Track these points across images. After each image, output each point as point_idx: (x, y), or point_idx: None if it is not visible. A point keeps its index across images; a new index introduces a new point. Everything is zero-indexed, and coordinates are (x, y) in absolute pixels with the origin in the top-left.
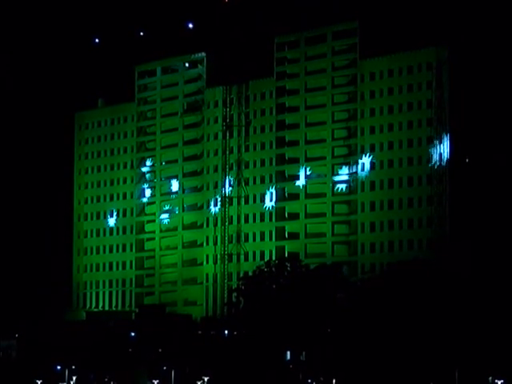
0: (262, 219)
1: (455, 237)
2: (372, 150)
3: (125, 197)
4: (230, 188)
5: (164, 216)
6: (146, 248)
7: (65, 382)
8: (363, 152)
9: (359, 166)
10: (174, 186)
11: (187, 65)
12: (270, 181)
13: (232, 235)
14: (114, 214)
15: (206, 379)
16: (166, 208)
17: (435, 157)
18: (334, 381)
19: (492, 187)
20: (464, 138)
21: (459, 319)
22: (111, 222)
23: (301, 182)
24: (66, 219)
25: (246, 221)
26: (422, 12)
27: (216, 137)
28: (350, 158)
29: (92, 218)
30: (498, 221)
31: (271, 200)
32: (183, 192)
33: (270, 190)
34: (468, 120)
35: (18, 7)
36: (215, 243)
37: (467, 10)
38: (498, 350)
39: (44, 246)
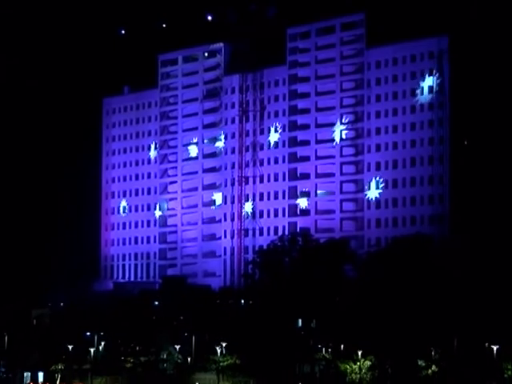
0: (276, 197)
1: (455, 214)
2: (377, 133)
3: (149, 176)
4: (247, 168)
5: (185, 194)
6: (168, 224)
7: (94, 347)
8: (369, 135)
9: (365, 149)
10: (195, 166)
11: (206, 54)
12: (283, 161)
13: (248, 212)
14: (139, 192)
15: (223, 345)
16: (187, 186)
17: (436, 139)
18: (342, 346)
19: (490, 168)
20: (463, 122)
21: (458, 290)
22: (137, 199)
23: (312, 162)
24: (94, 197)
25: (261, 199)
26: (424, 4)
27: (233, 121)
28: (358, 141)
29: (118, 196)
30: (496, 199)
31: (284, 180)
32: (203, 172)
33: (284, 170)
34: (467, 105)
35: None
36: (232, 219)
37: (466, 2)
38: (493, 320)
39: (74, 222)
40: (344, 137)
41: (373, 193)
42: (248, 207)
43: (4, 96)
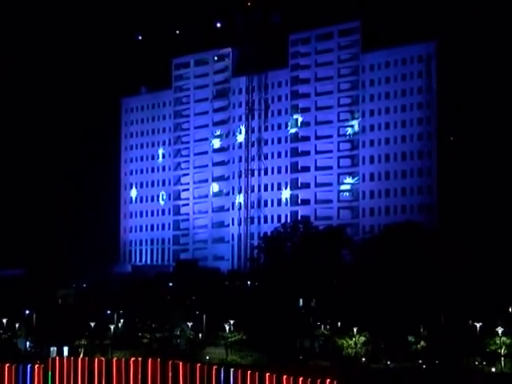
0: (279, 188)
1: (442, 203)
2: (371, 130)
3: (164, 169)
4: (252, 162)
5: (196, 185)
6: (181, 212)
7: (114, 324)
8: (364, 132)
9: (360, 144)
10: (205, 160)
11: (216, 58)
12: (286, 156)
13: (254, 201)
14: (155, 183)
15: (231, 322)
16: (199, 178)
17: (425, 135)
18: (339, 323)
19: (474, 161)
20: (449, 120)
21: (445, 272)
22: (153, 190)
23: (312, 158)
24: (114, 188)
25: (266, 189)
26: (414, 13)
27: (240, 119)
28: (353, 137)
29: (136, 187)
30: (480, 189)
31: (287, 172)
32: (213, 165)
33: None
34: (453, 104)
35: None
36: (239, 208)
37: (452, 11)
38: (477, 299)
39: (97, 211)
40: (341, 133)
41: (367, 184)
42: (254, 197)
43: (39, 94)
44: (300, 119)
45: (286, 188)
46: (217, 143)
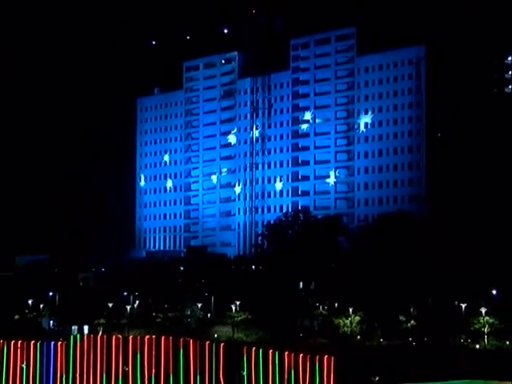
0: (281, 180)
1: (430, 194)
2: (366, 127)
3: (176, 163)
4: (257, 156)
5: (205, 178)
6: (191, 202)
7: (130, 305)
8: (359, 129)
9: (355, 140)
10: (213, 154)
11: (223, 61)
12: (287, 151)
13: (258, 193)
14: (168, 176)
15: (237, 303)
16: (207, 171)
17: (414, 132)
18: (336, 304)
19: (459, 155)
20: (437, 118)
21: (433, 257)
22: (165, 182)
23: (311, 152)
24: (130, 180)
25: (269, 181)
26: (405, 19)
27: (245, 117)
28: (349, 133)
29: (150, 180)
30: (465, 180)
31: (288, 166)
32: (220, 159)
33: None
34: (440, 103)
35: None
36: (245, 199)
37: (440, 18)
38: (462, 282)
39: (114, 201)
40: (338, 130)
41: (362, 177)
42: (258, 189)
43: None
44: (300, 117)
45: (287, 180)
46: (224, 139)
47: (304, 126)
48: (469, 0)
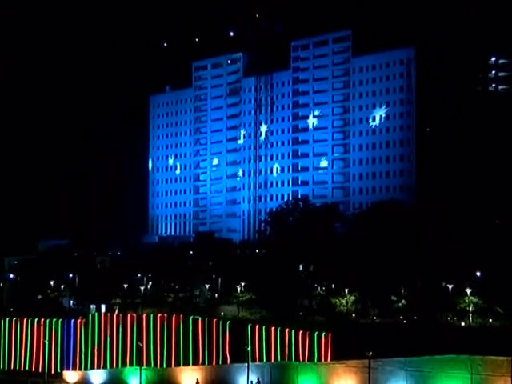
0: (282, 171)
1: (419, 184)
2: (360, 122)
3: (185, 155)
4: (260, 149)
5: (213, 169)
6: (200, 192)
7: (143, 286)
8: (354, 124)
9: (351, 134)
10: (220, 148)
11: (229, 61)
12: (288, 144)
13: (261, 183)
14: (178, 167)
15: (242, 284)
16: (215, 163)
17: (405, 127)
18: (333, 285)
19: (446, 148)
20: (426, 114)
21: (422, 241)
22: (176, 173)
23: (310, 146)
24: (144, 171)
25: (271, 172)
26: (397, 23)
27: (250, 113)
28: (345, 128)
29: (162, 171)
30: (451, 171)
31: (289, 158)
32: (226, 152)
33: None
34: (429, 100)
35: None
36: (249, 188)
37: (429, 22)
38: (449, 264)
39: (129, 190)
40: (335, 125)
41: (357, 168)
42: (261, 179)
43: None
44: (300, 113)
45: (288, 171)
46: (230, 133)
47: (303, 121)
48: (455, 6)
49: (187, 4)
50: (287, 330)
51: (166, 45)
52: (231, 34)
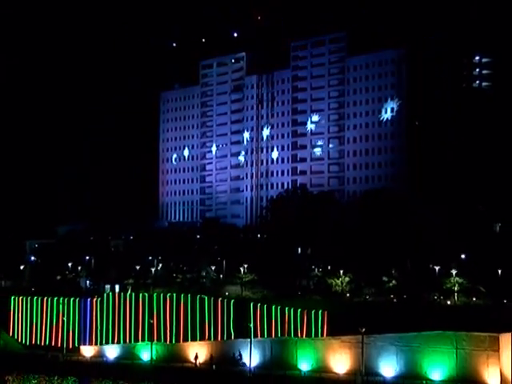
0: (282, 162)
1: (409, 173)
2: (354, 116)
3: (193, 147)
4: (262, 141)
5: (218, 159)
6: (206, 181)
7: (154, 267)
8: (348, 118)
9: (346, 127)
10: (225, 140)
11: (233, 61)
12: (288, 136)
13: (263, 172)
14: (186, 158)
15: (245, 266)
16: (220, 154)
17: (396, 120)
18: (329, 267)
19: (433, 141)
20: (415, 108)
21: (411, 226)
22: (184, 163)
23: (308, 137)
24: (155, 162)
25: (272, 163)
26: (389, 26)
27: (252, 108)
28: (340, 122)
29: (172, 161)
30: (437, 162)
31: (288, 150)
32: (231, 144)
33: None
34: (418, 96)
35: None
36: (252, 177)
37: (418, 25)
38: (436, 248)
39: (141, 179)
40: (331, 119)
41: (351, 159)
42: (263, 169)
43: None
44: (299, 108)
45: (287, 161)
46: (234, 127)
47: (302, 116)
48: (442, 10)
49: (195, 8)
50: (287, 308)
51: (175, 45)
52: (235, 35)
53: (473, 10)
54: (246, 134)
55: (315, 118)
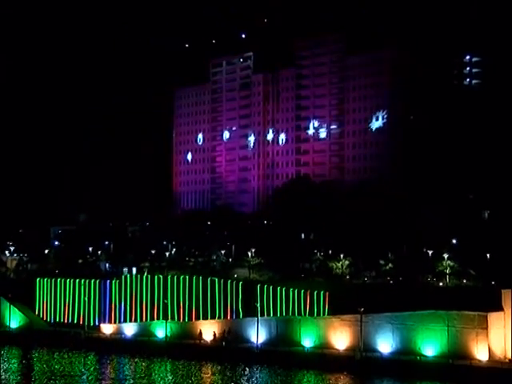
0: (287, 153)
1: (404, 164)
2: (353, 111)
3: (204, 140)
4: (268, 134)
5: (227, 152)
6: (216, 171)
7: (168, 251)
8: (348, 113)
9: (345, 121)
10: (234, 133)
11: (241, 60)
12: (292, 130)
13: (269, 163)
14: (198, 151)
15: (253, 250)
16: (229, 146)
17: (391, 115)
18: (330, 251)
19: (426, 134)
20: (409, 104)
21: (404, 212)
22: (196, 155)
23: (311, 131)
24: (169, 154)
25: (277, 154)
26: (383, 29)
27: (259, 103)
28: (340, 117)
29: (185, 153)
30: (428, 153)
31: (292, 142)
32: (239, 137)
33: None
34: (412, 93)
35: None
36: (258, 168)
37: (412, 26)
38: (429, 232)
39: (157, 170)
40: (332, 114)
41: (350, 151)
42: (269, 160)
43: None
44: (302, 104)
45: (292, 153)
46: (242, 121)
47: (305, 111)
48: (434, 12)
49: (206, 11)
50: (291, 289)
51: (188, 46)
52: (243, 36)
53: (464, 12)
54: (253, 128)
55: (317, 113)
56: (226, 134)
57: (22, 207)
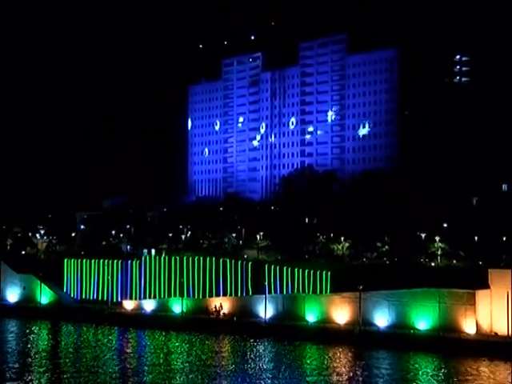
0: (293, 145)
1: (400, 156)
2: (354, 107)
3: (216, 133)
4: (275, 127)
5: (238, 143)
6: (228, 161)
7: (184, 234)
8: (348, 108)
9: (346, 116)
10: (244, 127)
11: (250, 59)
12: (297, 124)
13: (276, 154)
14: (211, 142)
15: (261, 233)
16: (239, 139)
17: (389, 110)
18: (332, 234)
19: (421, 127)
20: (406, 100)
21: (401, 200)
22: (209, 147)
23: (314, 124)
24: (184, 146)
25: (283, 146)
26: (383, 29)
27: (267, 99)
28: (342, 112)
29: (198, 145)
30: (423, 146)
31: (297, 135)
32: (249, 130)
33: (297, 129)
34: (409, 89)
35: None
36: (266, 158)
37: (407, 28)
38: (421, 219)
39: (173, 161)
40: (334, 109)
41: (351, 143)
42: (275, 151)
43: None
44: (306, 100)
45: (297, 145)
46: (251, 115)
47: (309, 106)
48: (428, 14)
49: (219, 14)
50: (296, 269)
51: (201, 46)
52: (252, 37)
53: (455, 14)
54: (262, 122)
55: (320, 107)
56: (237, 128)
57: (51, 195)
